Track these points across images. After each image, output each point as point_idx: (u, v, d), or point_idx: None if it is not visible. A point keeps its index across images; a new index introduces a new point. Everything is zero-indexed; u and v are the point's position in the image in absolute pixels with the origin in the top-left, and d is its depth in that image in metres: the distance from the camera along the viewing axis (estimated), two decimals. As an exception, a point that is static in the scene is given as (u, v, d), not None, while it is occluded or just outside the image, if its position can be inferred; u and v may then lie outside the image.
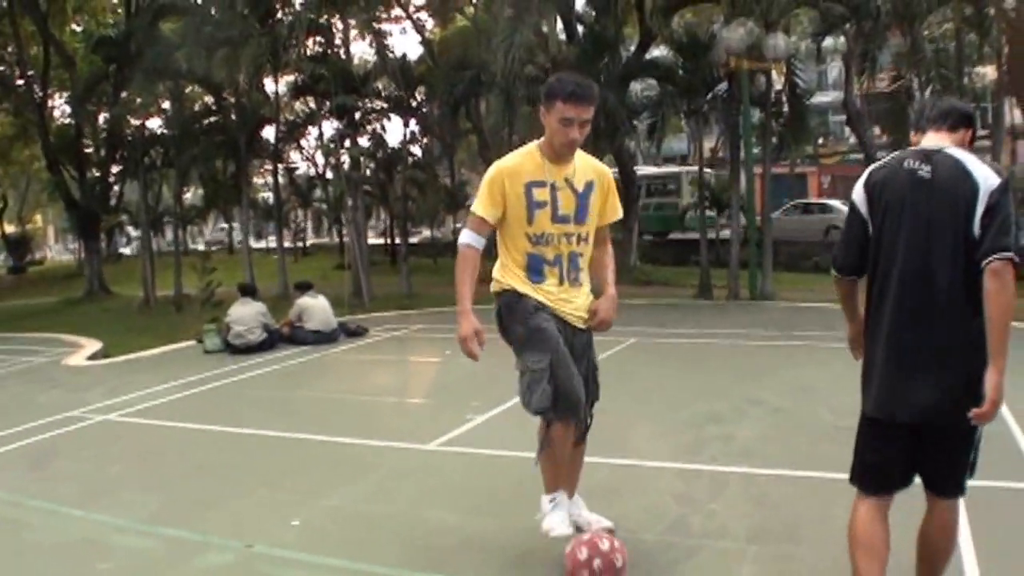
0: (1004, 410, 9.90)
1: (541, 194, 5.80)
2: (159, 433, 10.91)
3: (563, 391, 5.64)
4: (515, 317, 5.95)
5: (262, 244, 57.69)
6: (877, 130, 43.48)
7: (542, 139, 5.91)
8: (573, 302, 5.95)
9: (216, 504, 7.73)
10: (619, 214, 6.16)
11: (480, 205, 5.91)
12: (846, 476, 5.15)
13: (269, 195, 57.43)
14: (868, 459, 4.96)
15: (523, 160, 5.89)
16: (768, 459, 8.46)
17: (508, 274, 6.06)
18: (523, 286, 5.96)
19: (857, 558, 4.83)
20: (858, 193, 4.80)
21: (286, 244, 39.84)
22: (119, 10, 40.55)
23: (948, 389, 4.48)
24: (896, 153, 4.83)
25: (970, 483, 4.78)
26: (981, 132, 36.63)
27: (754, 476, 7.92)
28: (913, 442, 4.69)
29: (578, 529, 5.97)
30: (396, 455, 9.26)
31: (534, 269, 5.93)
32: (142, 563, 6.44)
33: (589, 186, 5.91)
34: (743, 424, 9.90)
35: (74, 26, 42.61)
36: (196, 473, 8.94)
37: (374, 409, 12.11)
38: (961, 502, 4.91)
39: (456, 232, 53.85)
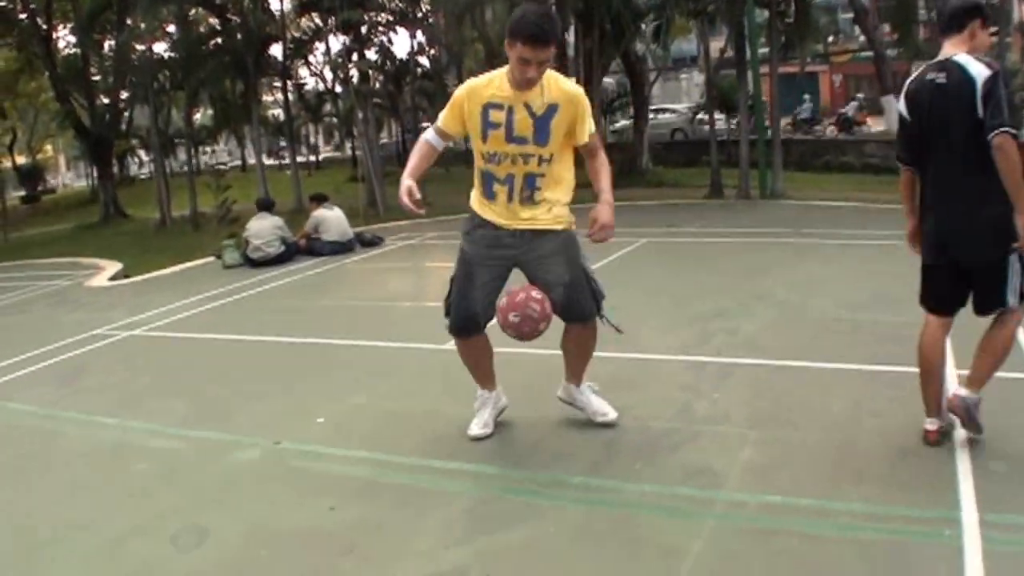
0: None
1: (496, 115, 6.02)
2: (184, 345, 11.16)
3: (457, 313, 6.68)
4: (463, 234, 6.56)
5: (273, 161, 57.65)
6: (887, 27, 43.31)
7: None
8: (524, 215, 6.23)
9: (243, 407, 8.01)
10: (585, 137, 6.18)
11: (443, 115, 6.36)
12: (845, 366, 5.60)
13: (278, 112, 57.54)
14: (930, 291, 6.13)
15: (490, 81, 6.12)
16: (771, 350, 8.71)
17: (473, 191, 6.49)
18: (476, 203, 6.45)
19: (922, 362, 6.12)
20: (900, 102, 6.07)
21: (298, 159, 39.87)
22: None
23: (976, 238, 5.70)
24: (923, 66, 6.03)
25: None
26: (990, 29, 36.65)
27: (757, 367, 8.18)
28: (958, 276, 5.90)
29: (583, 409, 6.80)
30: (415, 355, 9.56)
31: (487, 185, 6.29)
32: (177, 462, 6.73)
33: (552, 109, 6.00)
34: (748, 318, 10.14)
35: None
36: (222, 380, 9.20)
37: (392, 314, 12.34)
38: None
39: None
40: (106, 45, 39.46)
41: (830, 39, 57.94)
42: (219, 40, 31.77)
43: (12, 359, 10.83)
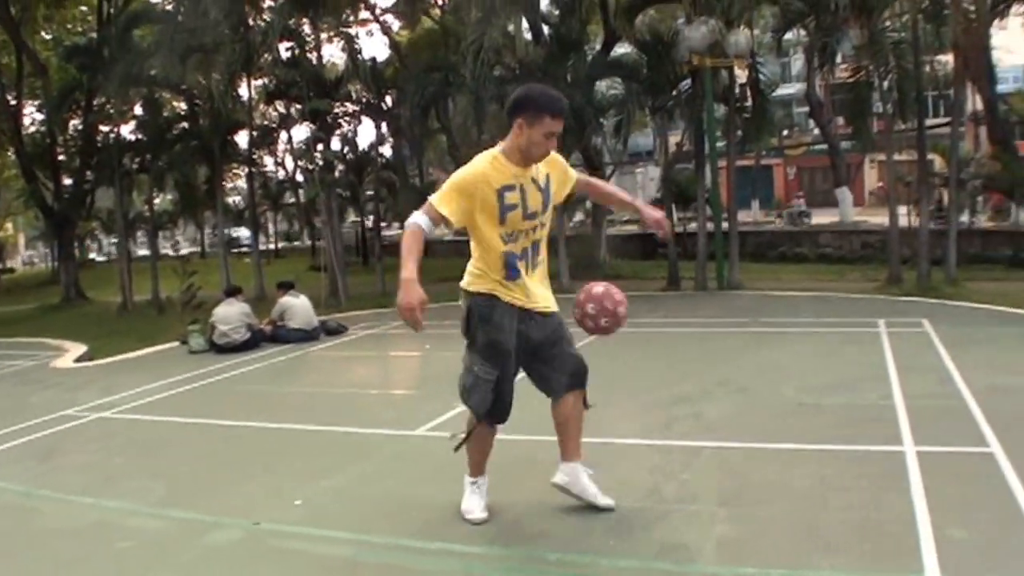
0: (961, 385, 10.53)
1: (512, 197, 6.21)
2: (156, 427, 11.20)
3: (501, 403, 6.53)
4: (480, 323, 6.43)
5: (233, 249, 57.71)
6: (840, 120, 43.98)
7: (503, 146, 6.32)
8: (535, 295, 6.46)
9: (220, 489, 8.12)
10: (574, 178, 6.73)
11: (443, 203, 6.12)
12: (808, 446, 5.73)
13: (238, 199, 57.65)
14: None
15: (491, 167, 6.25)
16: (736, 433, 8.91)
17: (483, 278, 6.45)
18: (498, 288, 6.41)
19: None
20: None
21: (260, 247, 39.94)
22: (88, 18, 40.70)
23: None
24: None
25: (929, 448, 5.50)
26: (942, 120, 37.21)
27: (723, 449, 8.37)
28: None
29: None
30: (387, 441, 9.67)
31: (509, 268, 6.36)
32: (159, 541, 6.80)
33: (547, 178, 6.42)
34: (712, 403, 10.37)
35: (44, 34, 42.72)
36: (197, 462, 9.30)
37: (361, 400, 12.44)
38: (919, 465, 5.56)
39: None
40: (71, 125, 39.46)
41: (785, 132, 58.75)
42: (186, 124, 31.93)
43: (-18, 439, 10.84)
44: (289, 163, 49.32)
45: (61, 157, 39.38)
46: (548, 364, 6.50)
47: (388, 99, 33.01)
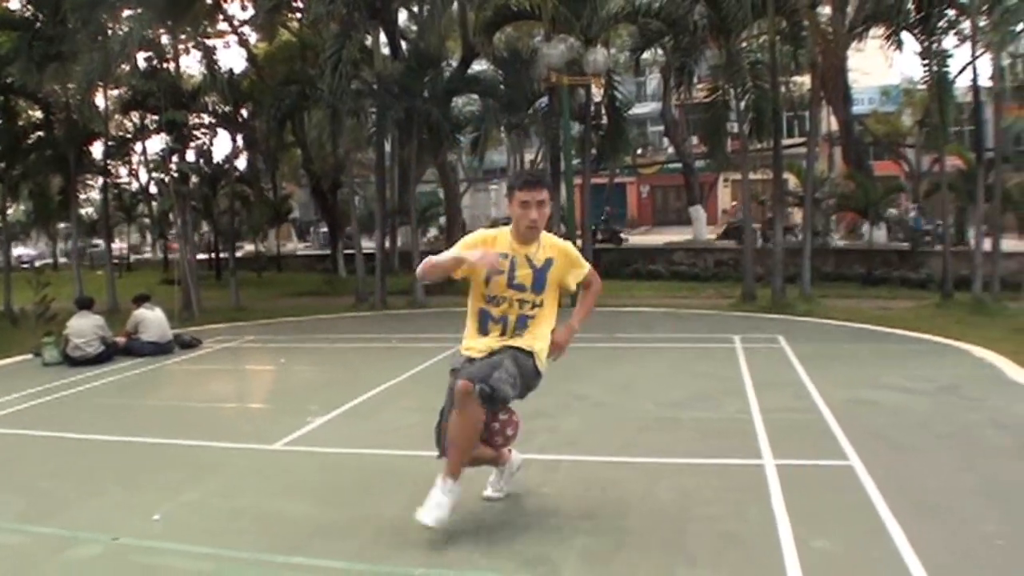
0: (817, 399, 10.70)
1: (501, 263, 6.60)
2: (8, 441, 10.89)
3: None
4: (451, 372, 6.78)
5: (86, 261, 56.62)
6: (695, 140, 44.51)
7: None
8: (487, 346, 6.74)
9: (77, 503, 7.92)
10: (580, 278, 7.06)
11: (458, 246, 6.75)
12: (668, 460, 5.75)
13: (90, 210, 56.59)
14: None
15: (499, 235, 6.83)
16: (594, 447, 9.05)
17: (466, 332, 6.97)
18: (468, 339, 6.91)
19: None
20: None
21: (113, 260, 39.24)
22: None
23: None
24: None
25: (789, 461, 5.53)
26: (797, 140, 37.81)
27: (581, 462, 8.47)
28: None
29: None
30: (244, 455, 9.55)
31: (482, 322, 6.87)
32: (16, 557, 6.64)
33: (548, 263, 6.79)
34: (569, 417, 10.47)
35: None
36: (53, 476, 9.05)
37: (217, 415, 12.28)
38: (779, 478, 5.59)
39: (279, 245, 53.75)
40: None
41: (639, 151, 59.31)
42: (41, 133, 31.26)
43: None
44: (143, 175, 48.67)
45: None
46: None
47: (244, 111, 32.72)
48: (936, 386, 11.90)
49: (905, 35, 24.35)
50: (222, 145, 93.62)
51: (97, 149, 32.86)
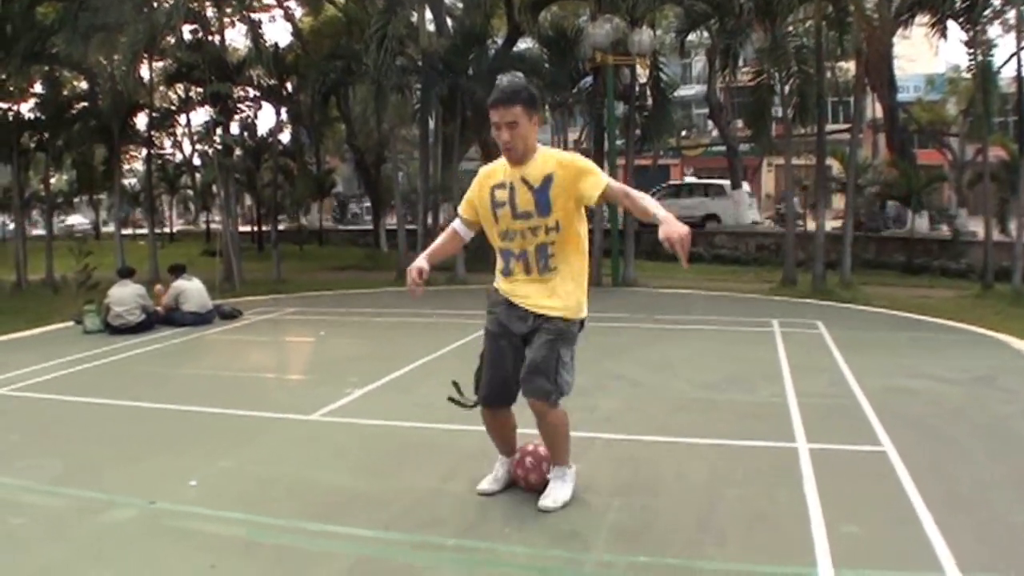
0: (853, 385, 10.71)
1: (501, 195, 6.39)
2: (51, 406, 10.98)
3: (485, 382, 6.71)
4: (486, 312, 6.74)
5: (128, 230, 56.86)
6: (739, 123, 44.34)
7: None
8: (526, 294, 6.45)
9: (115, 468, 7.99)
10: (599, 188, 6.14)
11: (462, 204, 6.75)
12: (702, 440, 5.78)
13: (134, 181, 56.86)
14: None
15: (493, 167, 6.56)
16: (629, 426, 9.05)
17: (497, 271, 6.69)
18: (498, 280, 6.67)
19: None
20: None
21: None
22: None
23: None
24: None
25: (822, 446, 5.58)
26: (842, 126, 37.64)
27: (616, 441, 8.48)
28: None
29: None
30: (282, 424, 9.62)
31: (505, 262, 6.55)
32: (53, 518, 6.70)
33: (547, 180, 6.23)
34: (606, 396, 10.43)
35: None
36: (92, 441, 9.16)
37: (256, 384, 12.33)
38: (811, 462, 5.62)
39: (321, 220, 53.87)
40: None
41: (683, 133, 59.14)
42: (86, 104, 31.38)
43: None
44: (187, 146, 48.87)
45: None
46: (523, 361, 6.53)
47: (289, 85, 32.79)
48: (972, 376, 11.85)
49: (950, 23, 24.21)
50: (266, 118, 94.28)
51: (141, 120, 33.01)
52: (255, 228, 47.50)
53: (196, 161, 37.39)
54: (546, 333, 6.37)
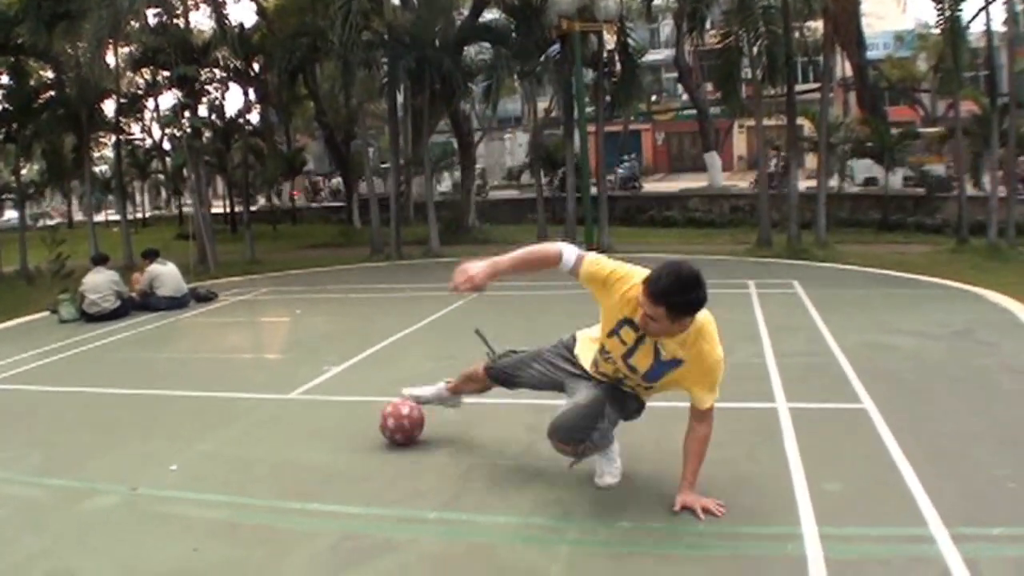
0: (832, 343, 10.73)
1: (627, 335, 5.90)
2: (28, 396, 10.96)
3: (509, 364, 7.16)
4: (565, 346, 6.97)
5: (100, 217, 56.66)
6: (709, 86, 44.35)
7: None
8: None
9: (96, 456, 7.99)
10: (703, 405, 6.06)
11: (599, 261, 6.17)
12: (682, 404, 5.76)
13: (105, 168, 56.66)
14: None
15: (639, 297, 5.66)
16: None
17: (593, 335, 6.54)
18: (585, 349, 6.66)
19: None
20: None
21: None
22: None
23: None
24: None
25: (802, 405, 5.58)
26: (812, 85, 37.67)
27: (597, 408, 8.43)
28: None
29: None
30: (260, 404, 9.62)
31: (595, 358, 6.37)
32: (36, 508, 6.70)
33: (675, 362, 5.86)
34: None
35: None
36: (71, 430, 9.13)
37: (233, 366, 12.36)
38: (792, 421, 5.62)
39: (292, 199, 53.82)
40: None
41: (653, 98, 59.16)
42: (53, 93, 31.24)
43: None
44: (156, 131, 48.71)
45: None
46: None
47: (256, 65, 32.71)
48: (950, 331, 11.95)
49: (919, -21, 24.27)
50: (234, 99, 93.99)
51: (109, 107, 32.91)
52: (228, 210, 47.41)
53: (166, 145, 37.41)
54: (594, 390, 6.33)
